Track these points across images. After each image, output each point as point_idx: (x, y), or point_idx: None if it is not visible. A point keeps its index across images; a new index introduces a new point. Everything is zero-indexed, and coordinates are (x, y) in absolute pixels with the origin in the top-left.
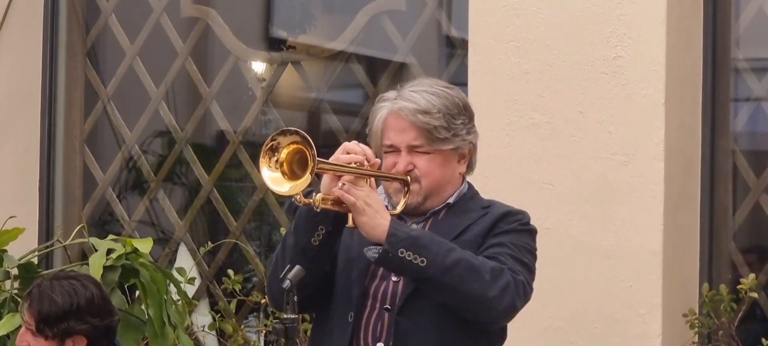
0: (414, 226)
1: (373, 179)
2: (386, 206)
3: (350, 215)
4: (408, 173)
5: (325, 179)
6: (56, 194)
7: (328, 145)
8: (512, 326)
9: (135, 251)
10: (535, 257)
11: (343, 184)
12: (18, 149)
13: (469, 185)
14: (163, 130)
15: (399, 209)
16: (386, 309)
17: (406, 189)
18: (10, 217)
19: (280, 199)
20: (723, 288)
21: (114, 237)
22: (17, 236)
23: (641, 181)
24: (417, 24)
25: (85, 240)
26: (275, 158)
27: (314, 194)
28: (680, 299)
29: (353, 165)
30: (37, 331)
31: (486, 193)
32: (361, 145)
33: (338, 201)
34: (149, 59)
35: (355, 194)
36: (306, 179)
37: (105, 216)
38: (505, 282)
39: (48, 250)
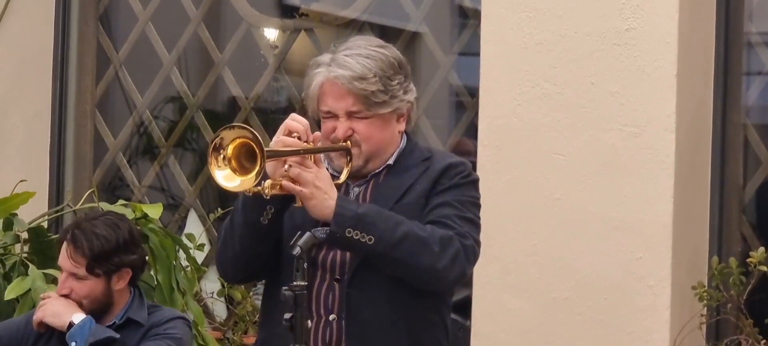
0: (356, 189)
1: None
2: (328, 171)
3: None
4: (348, 138)
5: (270, 164)
6: (67, 159)
7: None
8: (521, 297)
9: (145, 216)
10: (479, 208)
11: (290, 166)
12: (29, 113)
13: (408, 137)
14: (175, 96)
15: (343, 177)
16: (336, 280)
17: (348, 155)
18: (21, 181)
19: None
20: (732, 261)
21: (124, 202)
22: (27, 200)
23: (652, 153)
24: None
25: (95, 205)
26: (222, 155)
27: (262, 181)
28: (689, 272)
29: (297, 140)
30: (87, 270)
31: (497, 163)
32: (301, 119)
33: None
34: (162, 25)
35: (302, 180)
36: (255, 173)
37: (115, 181)
38: (454, 251)
39: (58, 214)
